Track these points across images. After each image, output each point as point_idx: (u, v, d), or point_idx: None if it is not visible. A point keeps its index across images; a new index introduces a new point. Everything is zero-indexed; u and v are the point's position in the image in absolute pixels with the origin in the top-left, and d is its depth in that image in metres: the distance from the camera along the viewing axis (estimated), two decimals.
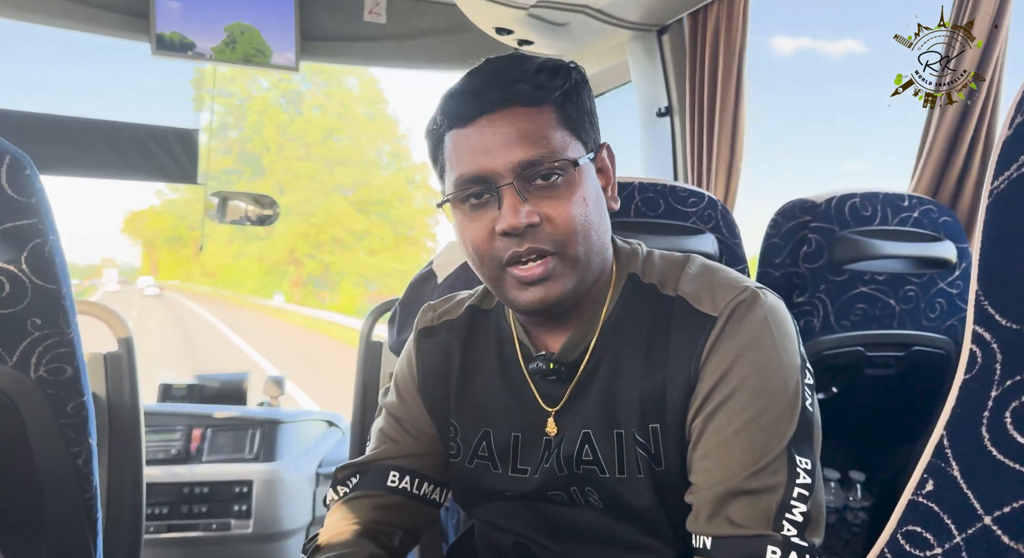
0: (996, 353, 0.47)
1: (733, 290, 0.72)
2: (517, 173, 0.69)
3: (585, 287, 0.74)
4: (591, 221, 0.72)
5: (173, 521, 2.03)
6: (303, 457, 2.27)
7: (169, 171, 2.24)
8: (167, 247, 54.11)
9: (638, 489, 0.73)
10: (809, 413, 0.68)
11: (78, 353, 0.77)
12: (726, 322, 0.70)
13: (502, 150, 0.69)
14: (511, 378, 0.82)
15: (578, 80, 0.74)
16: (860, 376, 1.33)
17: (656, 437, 0.73)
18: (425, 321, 0.91)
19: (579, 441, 0.76)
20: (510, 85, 0.70)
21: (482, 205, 0.72)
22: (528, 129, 0.69)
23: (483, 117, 0.70)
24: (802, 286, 1.28)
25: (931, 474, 0.50)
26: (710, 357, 0.70)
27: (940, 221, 1.33)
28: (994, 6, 1.32)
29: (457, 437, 0.85)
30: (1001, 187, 0.48)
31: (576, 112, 0.73)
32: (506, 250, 0.70)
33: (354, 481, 0.87)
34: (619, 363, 0.75)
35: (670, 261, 0.79)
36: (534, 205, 0.69)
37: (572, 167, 0.70)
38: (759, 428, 0.66)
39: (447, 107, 0.73)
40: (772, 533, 0.64)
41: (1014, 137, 0.47)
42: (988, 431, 0.47)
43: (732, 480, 0.66)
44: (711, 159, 1.90)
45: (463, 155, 0.71)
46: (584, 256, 0.72)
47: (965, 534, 0.47)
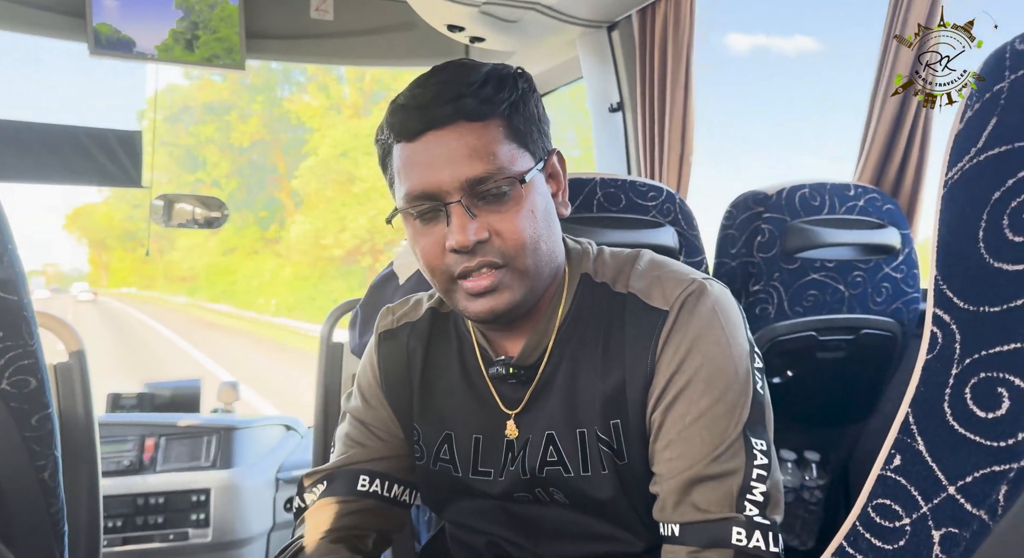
0: (955, 333, 0.50)
1: (681, 283, 0.74)
2: (465, 190, 0.69)
3: (536, 296, 0.75)
4: (540, 233, 0.72)
5: (128, 533, 1.98)
6: (261, 463, 2.23)
7: (111, 175, 2.17)
8: (120, 246, 45.66)
9: (602, 484, 0.75)
10: (760, 396, 0.71)
11: (41, 364, 0.74)
12: (677, 315, 0.72)
13: (449, 167, 0.69)
14: (471, 382, 0.82)
15: (525, 89, 0.74)
16: (813, 360, 1.39)
17: (618, 433, 0.74)
18: (385, 324, 0.90)
19: (543, 443, 0.77)
20: (456, 100, 0.69)
21: (432, 220, 0.72)
22: (475, 145, 0.69)
23: (430, 132, 0.70)
24: (757, 275, 1.33)
25: (898, 449, 0.53)
26: (664, 350, 0.72)
27: (884, 209, 1.39)
28: (927, 7, 1.39)
29: (420, 441, 0.85)
30: (955, 178, 0.51)
31: (523, 123, 0.73)
32: (457, 265, 0.71)
33: (321, 488, 0.86)
34: (577, 363, 0.76)
35: (620, 258, 0.81)
36: (483, 221, 0.70)
37: (519, 183, 0.71)
38: (716, 415, 0.69)
39: (394, 121, 0.72)
40: (736, 515, 0.66)
41: (966, 130, 0.50)
42: (950, 407, 0.50)
43: (694, 467, 0.68)
44: (663, 153, 1.94)
45: (411, 170, 0.71)
46: (534, 267, 0.72)
47: (931, 504, 0.50)
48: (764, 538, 0.65)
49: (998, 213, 0.48)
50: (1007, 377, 0.47)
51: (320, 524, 0.83)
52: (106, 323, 20.38)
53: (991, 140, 0.49)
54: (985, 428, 0.48)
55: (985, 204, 0.49)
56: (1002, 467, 0.46)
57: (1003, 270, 0.48)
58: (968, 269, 0.50)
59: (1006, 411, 0.47)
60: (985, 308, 0.49)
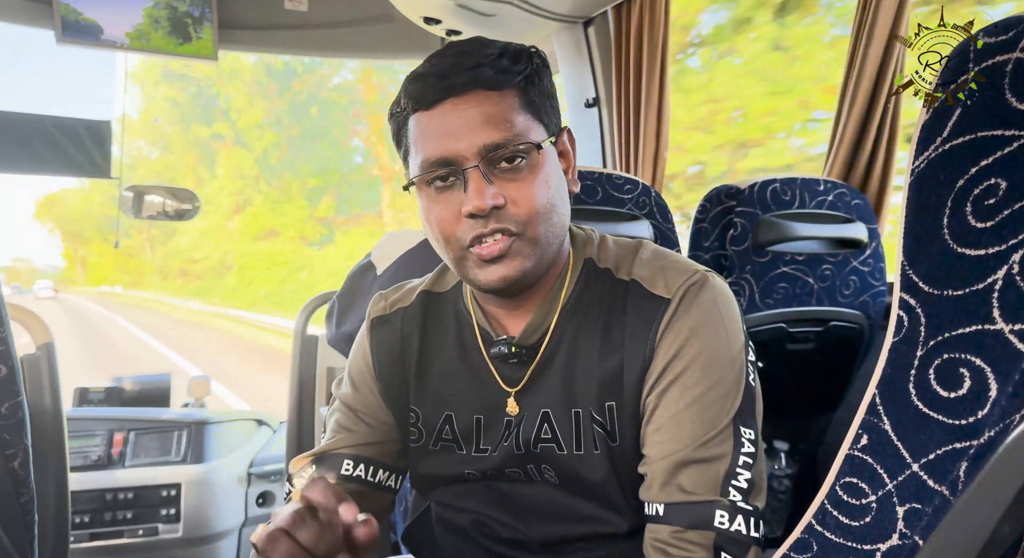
0: (920, 317, 0.52)
1: (685, 273, 0.76)
2: (482, 156, 0.70)
3: (543, 267, 0.76)
4: (554, 203, 0.74)
5: (96, 529, 1.94)
6: (233, 457, 2.21)
7: (79, 165, 2.13)
8: (99, 237, 37.59)
9: (594, 464, 0.76)
10: (752, 388, 0.73)
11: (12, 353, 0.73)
12: (679, 304, 0.74)
13: (467, 133, 0.70)
14: (471, 362, 0.83)
15: (539, 64, 0.76)
16: (783, 351, 1.42)
17: (612, 414, 0.76)
18: (378, 310, 0.91)
19: (538, 420, 0.78)
20: (474, 69, 0.71)
21: (448, 188, 0.73)
22: (492, 112, 0.71)
23: (448, 100, 0.71)
24: (729, 267, 1.35)
25: (865, 430, 0.55)
26: (664, 337, 0.73)
27: (852, 204, 1.42)
28: (894, 7, 1.42)
29: (419, 422, 0.86)
30: (921, 166, 0.53)
31: (538, 96, 0.75)
32: (471, 231, 0.72)
33: (309, 472, 0.87)
34: (577, 345, 0.78)
35: (623, 246, 0.83)
36: (499, 187, 0.71)
37: (535, 150, 0.72)
38: (708, 402, 0.71)
39: (412, 90, 0.73)
40: (720, 498, 0.68)
41: (932, 120, 0.52)
42: (914, 387, 0.52)
43: (683, 451, 0.70)
44: (638, 147, 1.96)
45: (428, 138, 0.72)
46: (545, 237, 0.74)
47: (896, 481, 0.52)
48: (746, 522, 0.67)
49: (962, 200, 0.50)
50: (969, 358, 0.49)
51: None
52: (73, 323, 18.24)
53: (955, 130, 0.51)
54: (948, 407, 0.50)
55: (950, 191, 0.51)
56: (963, 444, 0.48)
57: (966, 255, 0.50)
58: (933, 254, 0.52)
59: (967, 390, 0.49)
60: (949, 292, 0.50)
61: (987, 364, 0.48)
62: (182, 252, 30.94)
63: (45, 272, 54.41)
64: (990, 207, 0.49)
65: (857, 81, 1.50)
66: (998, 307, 0.47)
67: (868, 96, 1.49)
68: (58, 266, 52.81)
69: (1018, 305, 0.46)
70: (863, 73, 1.48)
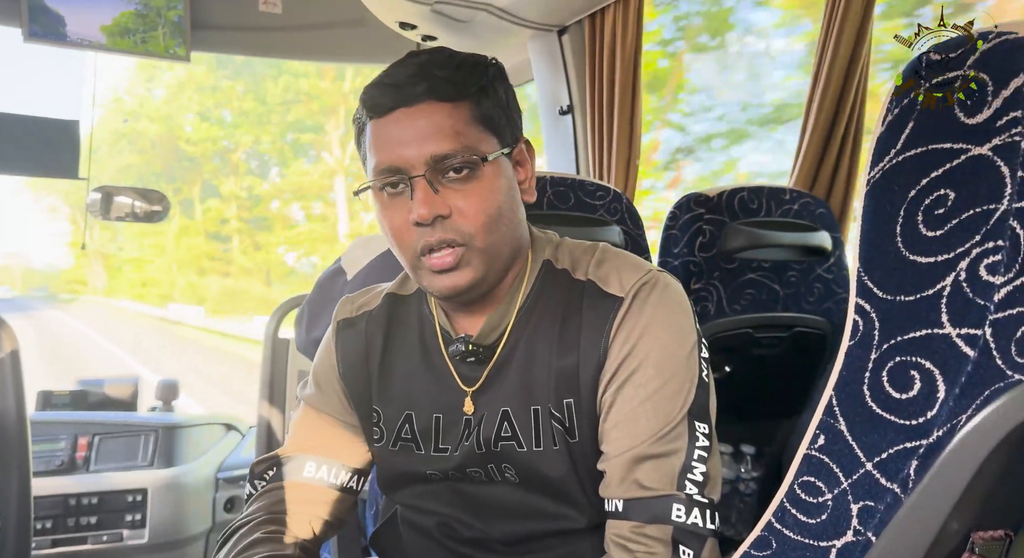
0: (875, 321, 0.54)
1: (637, 273, 0.78)
2: (430, 166, 0.72)
3: (496, 275, 0.78)
4: (502, 213, 0.75)
5: (58, 535, 1.91)
6: (201, 462, 2.18)
7: (46, 165, 2.09)
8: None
9: (554, 461, 0.78)
10: (705, 383, 0.75)
11: None
12: (631, 302, 0.76)
13: (416, 143, 0.72)
14: (432, 362, 0.84)
15: (496, 76, 0.78)
16: (749, 356, 1.45)
17: (570, 411, 0.77)
18: (345, 313, 0.92)
19: (498, 419, 0.80)
20: (429, 80, 0.72)
21: (398, 194, 0.74)
22: (443, 124, 0.72)
23: (400, 109, 0.73)
24: (698, 273, 1.37)
25: (822, 430, 0.57)
26: (617, 334, 0.75)
27: (817, 213, 1.46)
28: (861, 8, 1.47)
29: (380, 422, 0.87)
30: (876, 177, 0.55)
31: (492, 108, 0.76)
32: (420, 239, 0.74)
33: (271, 474, 0.88)
34: (534, 344, 0.79)
35: (581, 248, 0.85)
36: (445, 197, 0.73)
37: (482, 162, 0.74)
38: (662, 398, 0.73)
39: (367, 98, 0.75)
40: (676, 492, 0.70)
41: (886, 133, 0.55)
42: (869, 389, 0.54)
43: (639, 446, 0.72)
44: (611, 155, 1.99)
45: (380, 145, 0.74)
46: (493, 247, 0.75)
47: (851, 480, 0.54)
48: (702, 515, 0.69)
49: (914, 209, 0.53)
50: (919, 361, 0.51)
51: (265, 507, 0.84)
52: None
53: (908, 142, 0.53)
54: (899, 408, 0.52)
55: (903, 201, 0.53)
56: (913, 443, 0.50)
57: (917, 262, 0.52)
58: (887, 261, 0.54)
59: (917, 392, 0.51)
60: (901, 297, 0.53)
61: (936, 367, 0.50)
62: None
63: (46, 273, 39.71)
64: (940, 216, 0.51)
65: (823, 93, 1.54)
66: (946, 312, 0.50)
67: (833, 108, 1.54)
68: (59, 265, 38.11)
69: (965, 310, 0.49)
70: (828, 85, 1.52)
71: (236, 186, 23.67)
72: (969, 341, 0.48)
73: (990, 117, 0.48)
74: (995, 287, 0.47)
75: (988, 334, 0.47)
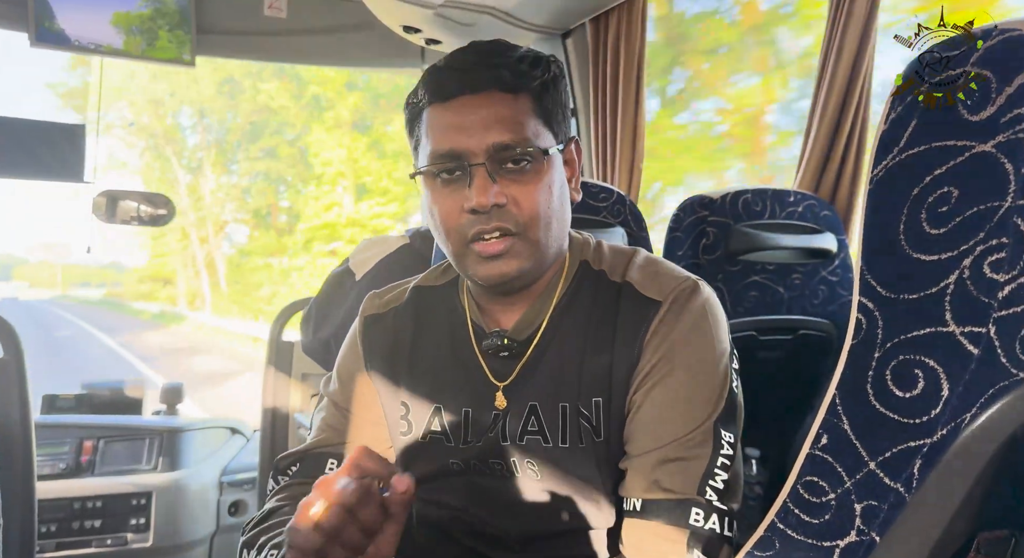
0: (878, 320, 0.54)
1: (677, 279, 0.79)
2: (490, 154, 0.72)
3: (541, 270, 0.79)
4: (554, 209, 0.76)
5: (63, 538, 1.91)
6: (205, 465, 2.19)
7: (52, 169, 2.11)
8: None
9: (578, 458, 0.78)
10: (734, 394, 0.76)
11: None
12: (669, 307, 0.76)
13: (478, 131, 0.72)
14: (462, 356, 0.85)
15: (556, 73, 0.79)
16: (753, 359, 1.44)
17: (599, 410, 0.78)
18: (372, 308, 0.93)
19: (526, 413, 0.80)
20: (493, 69, 0.73)
21: (453, 181, 0.75)
22: (505, 114, 0.73)
23: (464, 96, 0.73)
24: (702, 276, 1.37)
25: (826, 430, 0.57)
26: (653, 338, 0.76)
27: (821, 215, 1.45)
28: (865, 9, 1.46)
29: (408, 415, 0.87)
30: (879, 175, 0.55)
31: (551, 103, 0.77)
32: (472, 227, 0.74)
33: (294, 469, 0.88)
34: (568, 341, 0.80)
35: (618, 252, 0.86)
36: (502, 187, 0.73)
37: (542, 155, 0.74)
38: (691, 404, 0.73)
39: (430, 82, 0.76)
40: (697, 497, 0.70)
41: (889, 131, 0.54)
42: (872, 388, 0.54)
43: (664, 449, 0.72)
44: (614, 157, 1.99)
45: (440, 131, 0.74)
46: (544, 240, 0.76)
47: (854, 479, 0.54)
48: (720, 522, 0.70)
49: (917, 207, 0.52)
50: (922, 359, 0.51)
51: (285, 499, 0.85)
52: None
53: (911, 141, 0.53)
54: (903, 407, 0.52)
55: (906, 199, 0.53)
56: (917, 443, 0.50)
57: (921, 260, 0.52)
58: (890, 260, 0.54)
59: (921, 391, 0.51)
60: (904, 295, 0.52)
61: (940, 365, 0.49)
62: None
63: (96, 271, 29.89)
64: (943, 214, 0.51)
65: (827, 95, 1.53)
66: (950, 310, 0.49)
67: (837, 110, 1.53)
68: (117, 264, 28.65)
69: (969, 308, 0.48)
70: (833, 87, 1.52)
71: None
72: (973, 339, 0.48)
73: (994, 114, 0.48)
74: (999, 284, 0.46)
75: (992, 332, 0.47)
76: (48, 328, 17.17)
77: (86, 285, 33.14)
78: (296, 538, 0.58)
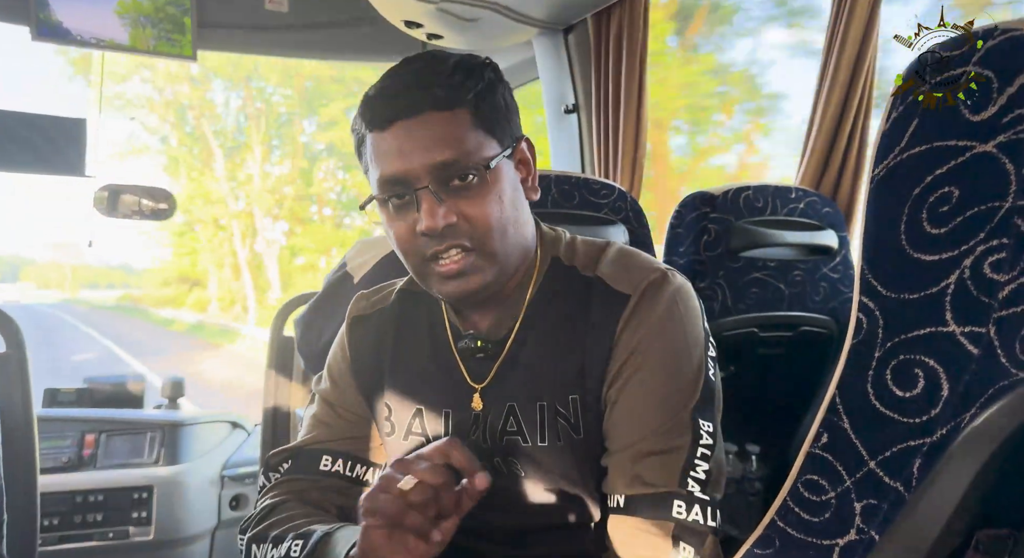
0: (879, 319, 0.54)
1: (645, 271, 0.78)
2: (433, 176, 0.72)
3: (505, 277, 0.79)
4: (508, 217, 0.76)
5: (65, 532, 1.92)
6: (206, 459, 2.19)
7: (52, 163, 2.11)
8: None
9: (558, 456, 0.78)
10: (711, 382, 0.75)
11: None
12: (639, 300, 0.76)
13: (418, 154, 0.72)
14: (441, 358, 0.85)
15: (492, 78, 0.77)
16: (754, 355, 1.44)
17: (576, 407, 0.78)
18: (358, 309, 0.94)
19: (504, 413, 0.80)
20: (425, 89, 0.72)
21: (403, 205, 0.75)
22: (443, 133, 0.72)
23: (399, 122, 0.73)
24: (703, 272, 1.37)
25: (825, 428, 0.57)
26: (624, 331, 0.76)
27: (823, 211, 1.45)
28: (868, 5, 1.46)
29: (391, 416, 0.88)
30: (880, 174, 0.55)
31: (491, 111, 0.76)
32: (427, 248, 0.74)
33: (286, 466, 0.89)
34: (542, 340, 0.80)
35: (591, 245, 0.85)
36: (451, 205, 0.73)
37: (486, 168, 0.74)
38: (667, 396, 0.73)
39: (365, 111, 0.75)
40: (678, 489, 0.70)
41: (890, 130, 0.54)
42: (872, 387, 0.54)
43: (642, 442, 0.72)
44: (616, 154, 1.99)
45: (382, 158, 0.74)
46: (502, 250, 0.76)
47: (854, 478, 0.54)
48: (703, 512, 0.70)
49: (918, 207, 0.52)
50: (922, 359, 0.51)
51: (281, 498, 0.85)
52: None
53: (912, 140, 0.53)
54: (903, 406, 0.52)
55: (906, 199, 0.53)
56: (917, 442, 0.50)
57: (922, 260, 0.52)
58: (891, 259, 0.54)
59: (921, 390, 0.51)
60: (905, 295, 0.53)
61: (940, 365, 0.50)
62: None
63: (104, 272, 28.54)
64: (944, 214, 0.51)
65: (829, 91, 1.53)
66: (950, 310, 0.49)
67: (839, 106, 1.53)
68: (130, 265, 26.96)
69: (969, 308, 0.48)
70: (835, 83, 1.51)
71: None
72: (973, 339, 0.48)
73: (995, 114, 0.48)
74: (1000, 285, 0.46)
75: (992, 332, 0.47)
76: (54, 343, 13.13)
77: (94, 286, 32.14)
78: (380, 503, 0.61)
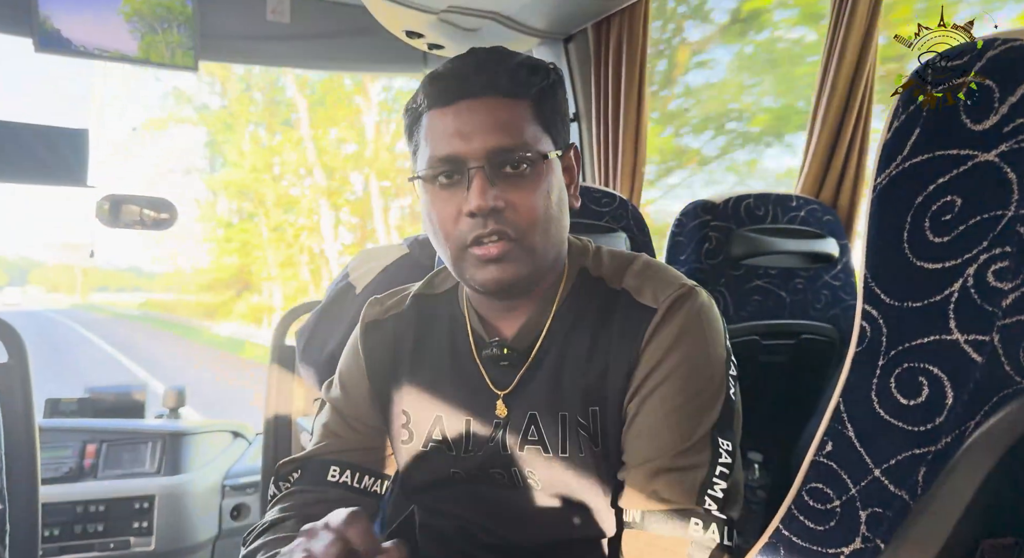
0: (882, 327, 0.54)
1: (672, 285, 0.78)
2: (488, 158, 0.72)
3: (539, 276, 0.78)
4: (552, 214, 0.76)
5: (66, 542, 1.91)
6: (208, 469, 2.19)
7: (55, 173, 2.12)
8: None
9: (578, 468, 0.78)
10: (732, 401, 0.75)
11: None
12: (664, 314, 0.75)
13: (477, 135, 0.72)
14: (462, 365, 0.85)
15: (555, 80, 0.79)
16: (756, 363, 1.44)
17: (596, 419, 0.77)
18: (373, 314, 0.93)
19: (525, 422, 0.80)
20: (492, 74, 0.73)
21: (451, 185, 0.74)
22: (504, 118, 0.73)
23: (463, 101, 0.73)
24: (704, 280, 1.37)
25: (830, 437, 0.57)
26: (648, 345, 0.75)
27: (823, 220, 1.45)
28: (867, 13, 1.47)
29: (409, 423, 0.87)
30: (883, 183, 0.55)
31: (550, 109, 0.77)
32: (470, 231, 0.73)
33: (295, 476, 0.88)
34: (567, 350, 0.80)
35: (618, 258, 0.85)
36: (501, 191, 0.73)
37: (541, 160, 0.74)
38: (688, 412, 0.72)
39: (429, 87, 0.76)
40: (695, 507, 0.70)
41: (893, 139, 0.55)
42: (877, 395, 0.54)
43: (661, 458, 0.72)
44: (617, 162, 1.99)
45: (439, 136, 0.74)
46: (541, 246, 0.76)
47: (859, 486, 0.54)
48: (720, 531, 0.69)
49: (921, 216, 0.53)
50: (927, 367, 0.51)
51: (288, 510, 0.84)
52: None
53: (914, 149, 0.53)
54: (908, 414, 0.52)
55: (909, 208, 0.53)
56: (922, 450, 0.50)
57: (925, 268, 0.52)
58: (894, 267, 0.54)
59: (925, 398, 0.51)
60: (909, 303, 0.53)
61: (944, 373, 0.50)
62: None
63: (114, 275, 27.07)
64: (947, 223, 0.51)
65: (829, 99, 1.53)
66: (954, 318, 0.50)
67: (839, 114, 1.53)
68: (147, 270, 24.66)
69: (972, 316, 0.48)
70: (835, 91, 1.52)
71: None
72: (977, 347, 0.48)
73: (997, 123, 0.48)
74: (1003, 293, 0.47)
75: (996, 340, 0.47)
76: (60, 365, 9.91)
77: (104, 289, 30.58)
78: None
